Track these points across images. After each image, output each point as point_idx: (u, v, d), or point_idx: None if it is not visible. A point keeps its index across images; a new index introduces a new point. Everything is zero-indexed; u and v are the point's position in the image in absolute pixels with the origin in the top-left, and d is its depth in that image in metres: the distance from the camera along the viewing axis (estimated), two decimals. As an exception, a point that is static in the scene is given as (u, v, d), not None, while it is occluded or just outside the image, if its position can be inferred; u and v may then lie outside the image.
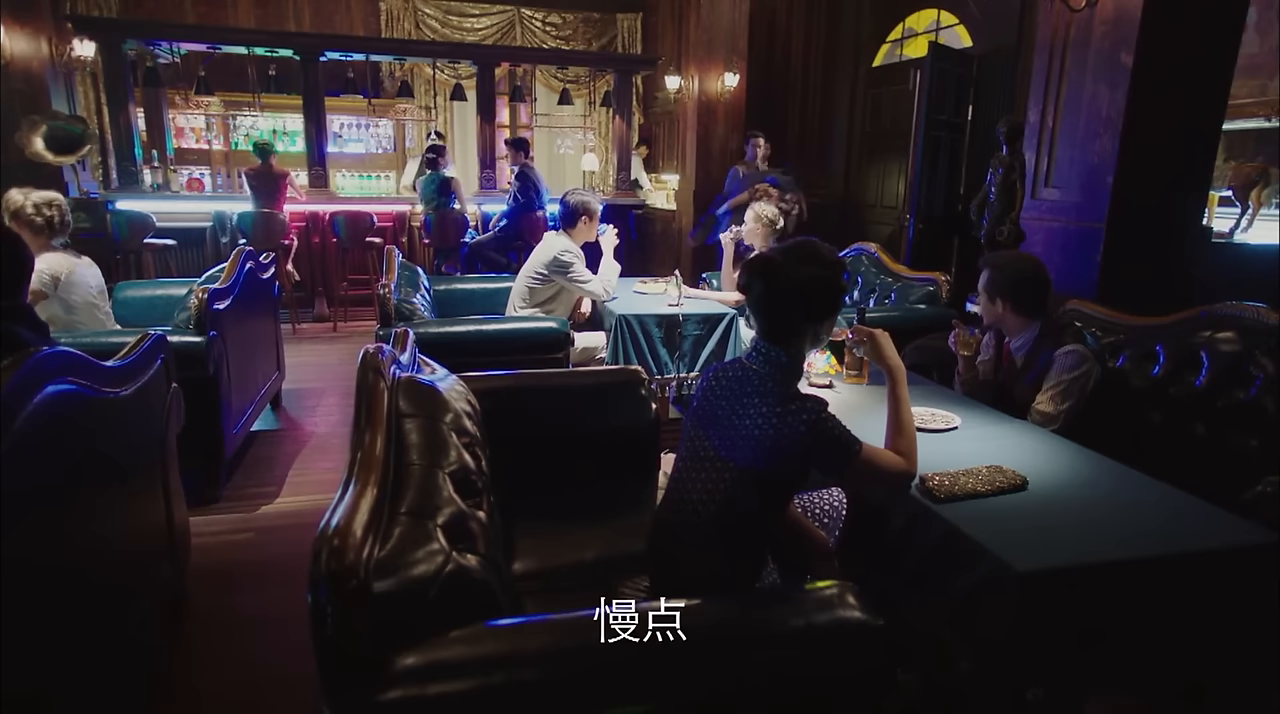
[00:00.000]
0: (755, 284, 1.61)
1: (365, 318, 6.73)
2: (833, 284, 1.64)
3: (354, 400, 1.50)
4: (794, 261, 1.59)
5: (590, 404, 2.48)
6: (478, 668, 1.06)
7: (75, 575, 1.64)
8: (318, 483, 3.47)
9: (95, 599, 1.81)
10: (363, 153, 9.33)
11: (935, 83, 6.30)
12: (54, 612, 1.58)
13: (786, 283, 1.58)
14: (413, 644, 1.07)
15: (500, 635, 1.12)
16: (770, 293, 1.60)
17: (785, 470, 1.60)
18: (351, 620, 0.99)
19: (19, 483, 1.45)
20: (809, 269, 1.60)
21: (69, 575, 1.67)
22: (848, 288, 1.70)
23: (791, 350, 1.64)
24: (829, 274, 1.62)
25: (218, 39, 6.87)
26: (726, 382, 1.70)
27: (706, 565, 1.66)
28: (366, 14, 9.30)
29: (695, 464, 1.71)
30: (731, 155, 8.28)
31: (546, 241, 3.91)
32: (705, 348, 3.79)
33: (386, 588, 1.07)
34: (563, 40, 9.90)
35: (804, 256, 1.60)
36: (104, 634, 1.83)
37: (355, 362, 4.95)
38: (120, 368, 1.95)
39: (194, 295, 3.11)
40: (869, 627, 1.23)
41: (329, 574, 1.00)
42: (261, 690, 2.11)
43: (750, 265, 1.64)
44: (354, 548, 1.04)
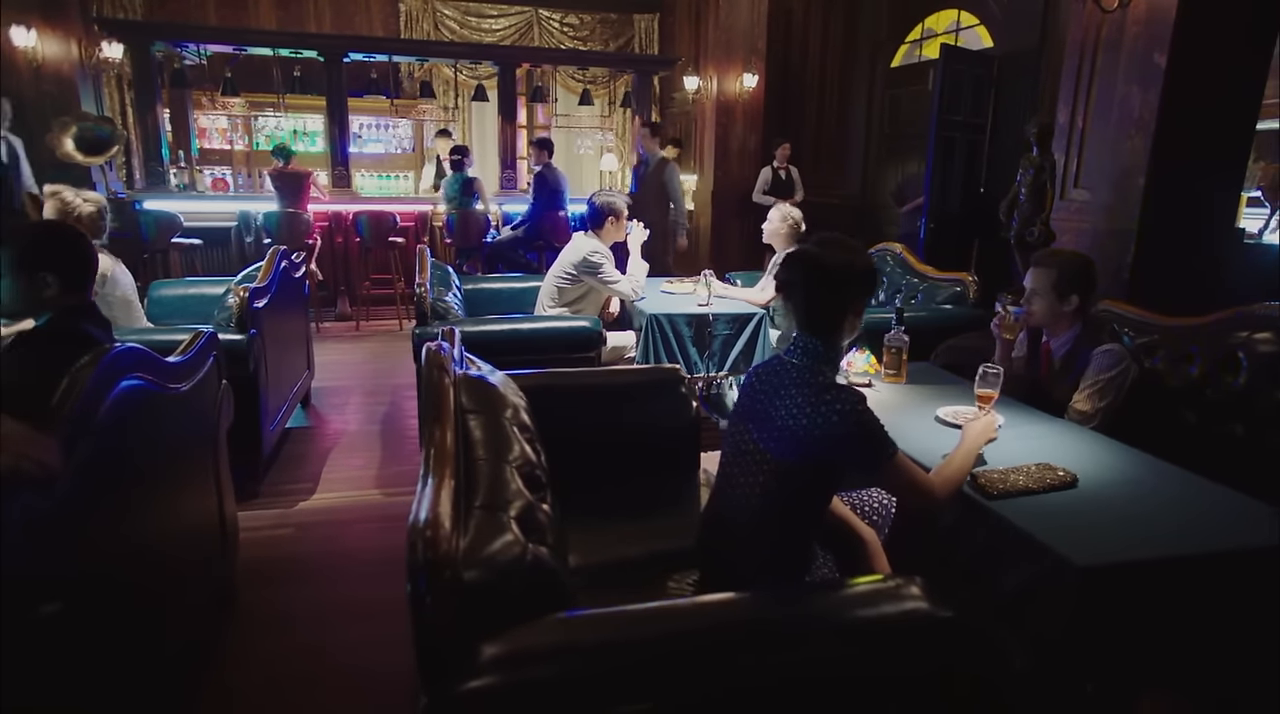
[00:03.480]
0: (795, 275, 1.65)
1: (387, 317, 6.78)
2: (866, 271, 1.67)
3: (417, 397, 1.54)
4: (828, 251, 1.63)
5: (630, 403, 2.51)
6: (564, 657, 1.09)
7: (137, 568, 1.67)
8: (352, 480, 3.51)
9: (155, 592, 1.85)
10: (382, 153, 9.40)
11: (950, 84, 6.31)
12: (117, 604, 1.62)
13: (823, 272, 1.62)
14: (499, 633, 1.10)
15: (582, 625, 1.15)
16: (809, 282, 1.64)
17: (824, 461, 1.62)
18: (448, 610, 1.02)
19: (100, 472, 1.49)
20: (842, 257, 1.64)
21: (133, 567, 1.72)
22: (878, 276, 1.74)
23: (829, 341, 1.67)
24: (860, 262, 1.66)
25: (244, 40, 6.94)
26: (767, 377, 1.73)
27: (755, 559, 1.69)
28: (386, 15, 9.37)
29: (739, 459, 1.74)
30: (749, 156, 8.31)
31: (575, 242, 3.94)
32: (734, 348, 3.82)
33: (474, 578, 1.11)
34: (580, 41, 9.94)
35: (836, 246, 1.64)
36: (159, 627, 1.87)
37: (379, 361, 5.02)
38: (180, 365, 2.00)
39: (234, 294, 3.16)
40: (937, 619, 1.25)
41: (426, 564, 1.03)
42: (306, 685, 2.14)
43: (790, 258, 1.68)
44: (445, 539, 1.07)
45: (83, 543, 1.44)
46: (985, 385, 2.09)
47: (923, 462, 1.77)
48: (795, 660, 1.17)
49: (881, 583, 1.34)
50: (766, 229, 4.26)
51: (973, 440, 1.79)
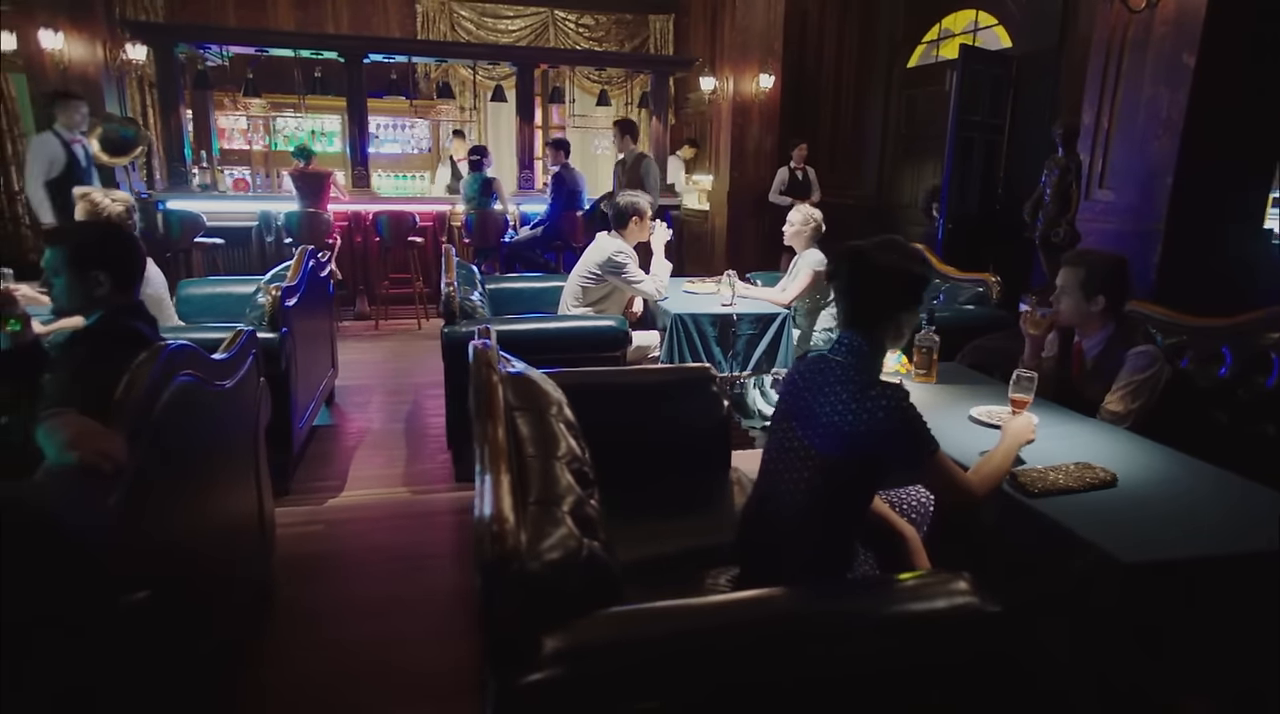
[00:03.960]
0: (842, 269, 1.67)
1: (405, 316, 6.82)
2: (917, 276, 1.68)
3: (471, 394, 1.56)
4: (880, 251, 1.64)
5: (662, 402, 2.53)
6: (625, 650, 1.12)
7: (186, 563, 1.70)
8: (379, 478, 3.54)
9: (202, 588, 1.88)
10: (399, 153, 9.45)
11: (969, 84, 6.31)
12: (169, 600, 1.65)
13: (873, 270, 1.63)
14: (559, 626, 1.12)
15: (641, 619, 1.17)
16: (856, 278, 1.65)
17: (869, 457, 1.64)
18: (516, 603, 1.05)
19: (156, 466, 1.52)
20: (894, 259, 1.65)
21: (182, 563, 1.75)
22: (925, 283, 1.73)
23: (873, 339, 1.69)
24: (913, 267, 1.67)
25: (267, 42, 7.00)
26: (810, 374, 1.75)
27: (799, 556, 1.71)
28: (403, 16, 9.43)
29: (783, 455, 1.75)
30: (765, 156, 8.32)
31: (599, 242, 3.97)
32: (758, 347, 3.84)
33: (535, 571, 1.13)
34: (595, 41, 9.98)
35: (890, 247, 1.66)
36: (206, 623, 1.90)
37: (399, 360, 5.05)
38: (224, 361, 2.03)
39: (266, 293, 3.20)
40: (987, 613, 1.27)
41: (495, 559, 1.05)
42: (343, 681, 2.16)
43: (839, 252, 1.70)
44: (511, 533, 1.10)
45: (139, 537, 1.47)
46: (1019, 390, 2.10)
47: (958, 460, 1.78)
48: (851, 652, 1.19)
49: (931, 578, 1.35)
50: (788, 231, 4.28)
51: (1012, 439, 1.80)
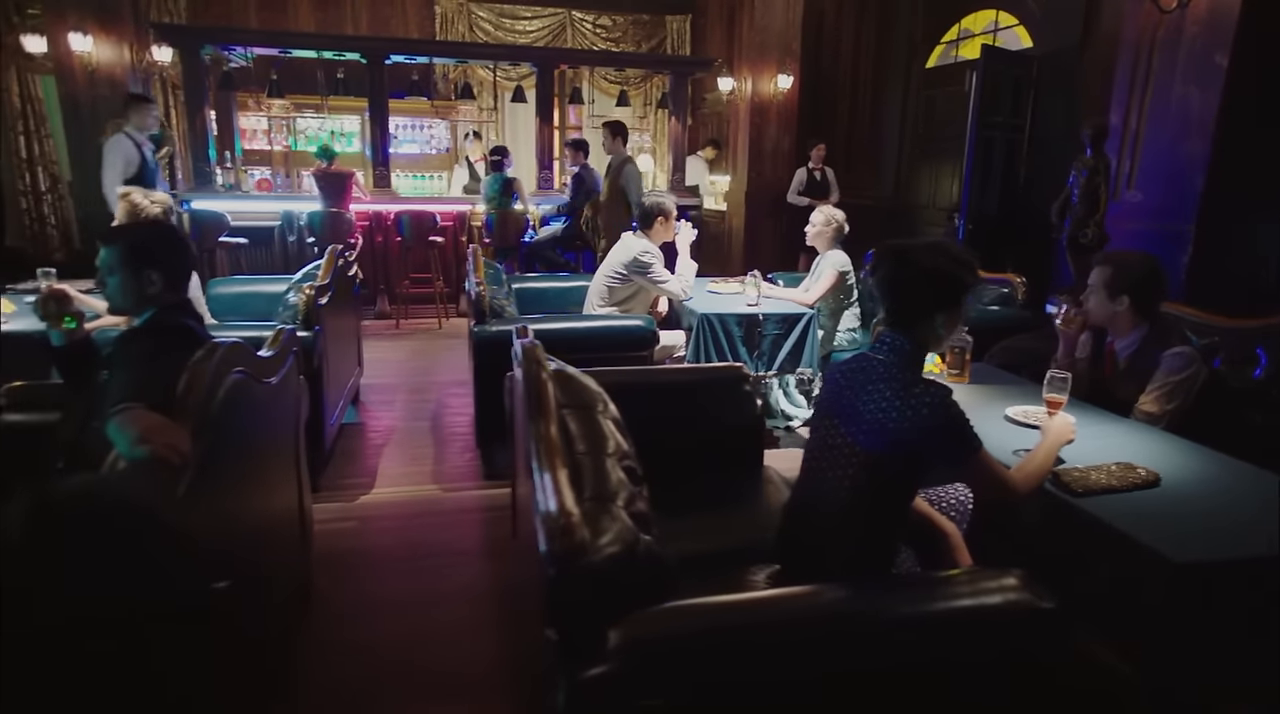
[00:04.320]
0: (883, 267, 1.68)
1: (426, 316, 6.86)
2: (959, 279, 1.69)
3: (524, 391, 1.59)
4: (924, 252, 1.66)
5: (696, 401, 2.55)
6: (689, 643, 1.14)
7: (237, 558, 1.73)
8: (407, 475, 3.57)
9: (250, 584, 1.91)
10: (417, 153, 9.50)
11: (990, 84, 6.29)
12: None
13: (914, 270, 1.65)
14: (621, 619, 1.14)
15: (704, 613, 1.19)
16: (898, 276, 1.67)
17: (913, 454, 1.65)
18: (584, 596, 1.07)
19: (215, 459, 1.55)
20: (938, 261, 1.66)
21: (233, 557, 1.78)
22: (974, 288, 1.74)
23: (914, 338, 1.70)
24: (957, 269, 1.68)
25: (291, 44, 7.06)
26: (852, 373, 1.76)
27: (842, 553, 1.72)
28: (422, 17, 9.48)
29: (826, 453, 1.77)
30: (783, 157, 8.33)
31: (625, 242, 3.99)
32: (784, 347, 3.85)
33: (599, 565, 1.15)
34: (612, 42, 10.00)
35: (934, 248, 1.67)
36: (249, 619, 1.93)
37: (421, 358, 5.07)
38: (270, 359, 2.06)
39: (300, 292, 3.24)
40: (1041, 610, 1.28)
41: (566, 552, 1.07)
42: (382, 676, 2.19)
43: (882, 249, 1.71)
44: (579, 526, 1.12)
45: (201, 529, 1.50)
46: (1054, 390, 2.10)
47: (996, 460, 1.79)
48: (907, 647, 1.21)
49: (982, 574, 1.37)
50: (810, 232, 4.29)
51: (1054, 439, 1.81)
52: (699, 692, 1.12)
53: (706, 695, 1.13)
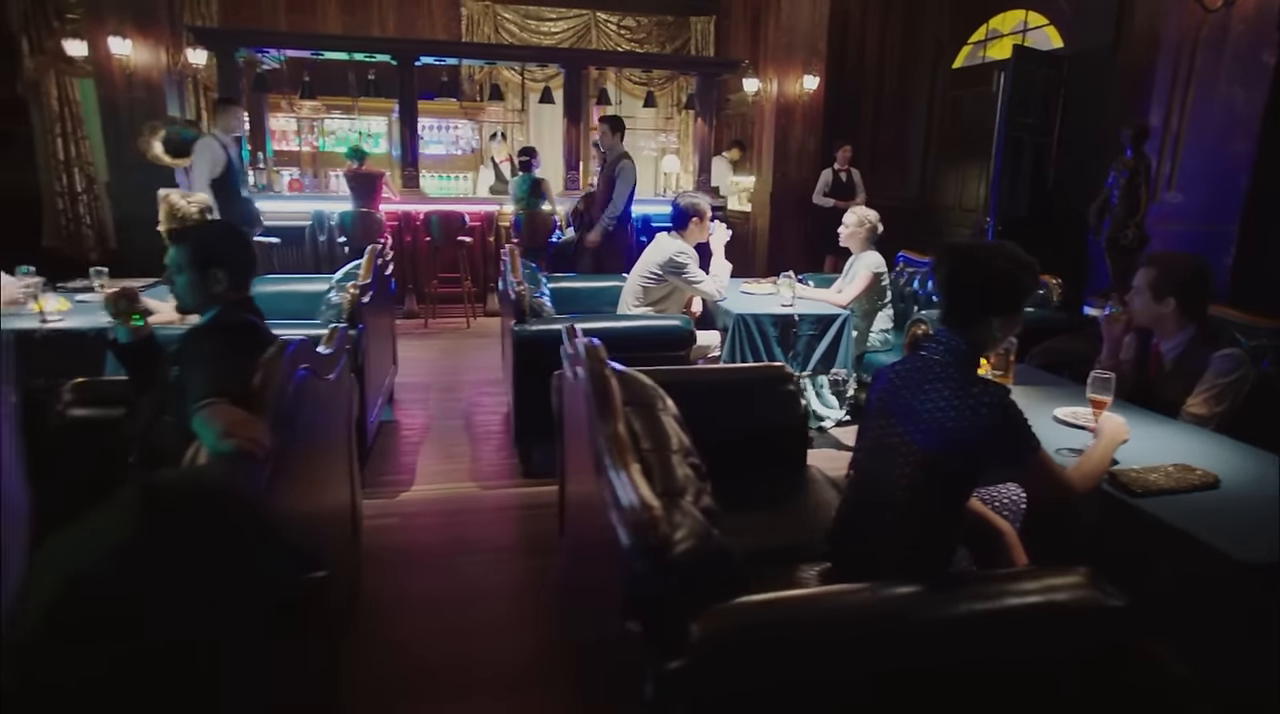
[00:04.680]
0: (944, 266, 1.69)
1: (454, 315, 6.92)
2: (1019, 281, 1.70)
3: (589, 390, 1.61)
4: (986, 252, 1.67)
5: (740, 400, 2.57)
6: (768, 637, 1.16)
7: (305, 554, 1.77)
8: (446, 473, 3.61)
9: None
10: (443, 154, 9.57)
11: (1020, 85, 6.26)
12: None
13: (974, 270, 1.66)
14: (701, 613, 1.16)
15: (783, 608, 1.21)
16: (958, 276, 1.68)
17: (972, 453, 1.66)
18: (672, 589, 1.09)
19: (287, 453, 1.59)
20: (998, 261, 1.67)
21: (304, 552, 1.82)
22: (1033, 292, 1.75)
23: (970, 339, 1.71)
24: (1018, 272, 1.69)
25: (325, 46, 7.15)
26: (908, 373, 1.78)
27: (898, 551, 1.73)
28: (448, 19, 9.55)
29: (881, 452, 1.78)
30: (809, 157, 8.32)
31: (659, 243, 4.01)
32: (818, 348, 3.86)
33: (680, 558, 1.17)
34: (636, 43, 10.03)
35: (996, 250, 1.68)
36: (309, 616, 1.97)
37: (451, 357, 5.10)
38: (328, 356, 2.11)
39: (343, 291, 3.29)
40: (1110, 608, 1.29)
41: (652, 546, 1.10)
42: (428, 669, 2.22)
43: (944, 248, 1.72)
44: (662, 520, 1.14)
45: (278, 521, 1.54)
46: (1099, 391, 2.10)
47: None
48: (981, 643, 1.22)
49: (1049, 572, 1.38)
50: (843, 232, 4.29)
51: (1110, 439, 1.82)
52: (780, 685, 1.14)
53: (787, 689, 1.15)
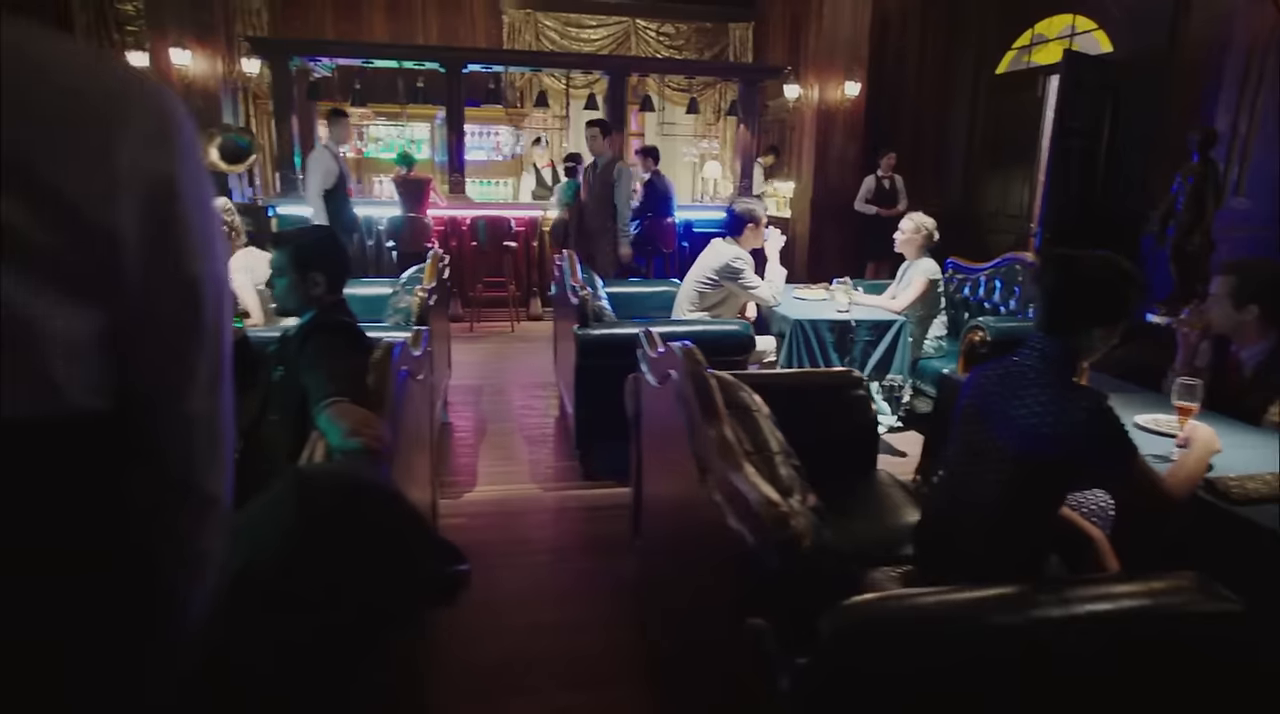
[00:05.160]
0: (1050, 274, 1.70)
1: (499, 319, 7.00)
2: (1126, 295, 1.70)
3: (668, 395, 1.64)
4: (1095, 262, 1.67)
5: (812, 404, 2.59)
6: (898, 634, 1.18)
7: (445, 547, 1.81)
8: (505, 474, 3.67)
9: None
10: (484, 160, 9.69)
11: (1071, 90, 6.20)
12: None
13: (1081, 280, 1.66)
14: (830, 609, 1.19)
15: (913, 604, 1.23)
16: (1064, 284, 1.68)
17: (1069, 459, 1.66)
18: (809, 583, 1.12)
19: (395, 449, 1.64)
20: (1107, 273, 1.68)
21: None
22: (1138, 306, 1.75)
23: (1068, 346, 1.71)
24: (1126, 285, 1.69)
25: (375, 54, 7.32)
26: (999, 378, 1.78)
27: (990, 556, 1.74)
28: (489, 27, 9.68)
29: (972, 458, 1.79)
30: (849, 164, 8.30)
31: (715, 249, 4.04)
32: (874, 354, 3.86)
33: (809, 555, 1.20)
34: (675, 50, 10.09)
35: (1105, 262, 1.68)
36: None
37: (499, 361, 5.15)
38: (420, 357, 2.16)
39: (413, 295, 3.36)
40: (1225, 612, 1.29)
41: (784, 543, 1.13)
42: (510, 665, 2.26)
43: (1051, 256, 1.73)
44: (793, 515, 1.17)
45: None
46: (1185, 398, 2.09)
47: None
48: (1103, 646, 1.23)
49: (1157, 577, 1.38)
50: (899, 238, 4.29)
51: (1203, 446, 1.81)
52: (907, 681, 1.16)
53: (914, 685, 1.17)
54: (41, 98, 0.59)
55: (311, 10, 9.13)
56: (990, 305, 4.69)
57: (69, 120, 0.60)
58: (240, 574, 1.01)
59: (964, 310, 4.87)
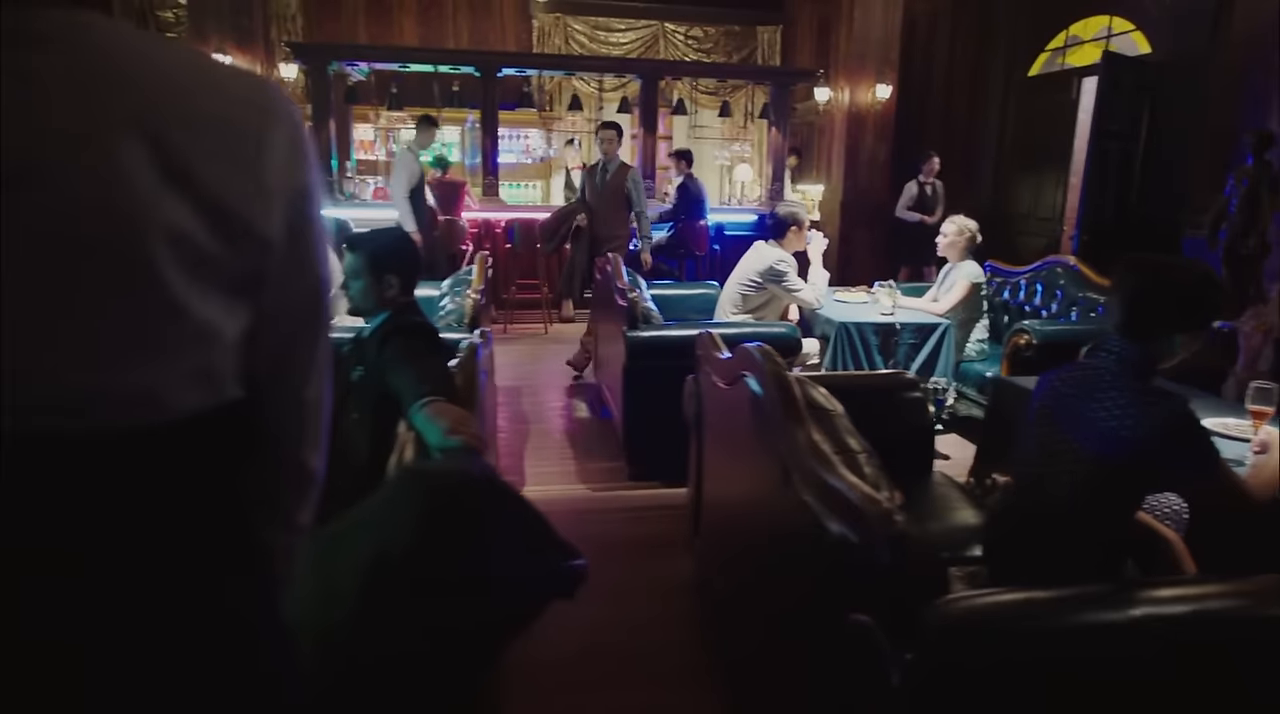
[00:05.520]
0: (1135, 280, 1.70)
1: (532, 321, 7.04)
2: (1214, 304, 1.71)
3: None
4: (1183, 270, 1.68)
5: (870, 405, 2.59)
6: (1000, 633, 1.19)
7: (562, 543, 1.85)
8: (552, 475, 3.70)
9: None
10: (513, 163, 9.75)
11: (1109, 92, 6.16)
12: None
13: (1172, 286, 1.67)
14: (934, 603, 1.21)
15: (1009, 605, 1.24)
16: (1149, 290, 1.68)
17: (1150, 462, 1.67)
18: (918, 577, 1.14)
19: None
20: (1194, 281, 1.68)
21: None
22: (1210, 314, 1.75)
23: (1145, 351, 1.72)
24: (1213, 294, 1.70)
25: (412, 58, 7.41)
26: (1075, 380, 1.79)
27: (1066, 556, 1.75)
28: (519, 30, 9.74)
29: (1047, 460, 1.80)
30: (879, 167, 8.29)
31: (759, 251, 4.06)
32: (918, 357, 3.86)
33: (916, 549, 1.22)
34: (703, 53, 10.11)
35: (1191, 269, 1.69)
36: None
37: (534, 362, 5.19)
38: (486, 356, 2.20)
39: (464, 297, 3.41)
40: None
41: (895, 537, 1.15)
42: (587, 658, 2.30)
43: (1135, 263, 1.73)
44: (894, 512, 1.19)
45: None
46: (1260, 401, 2.09)
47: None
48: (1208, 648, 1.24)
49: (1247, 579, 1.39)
50: (942, 242, 4.29)
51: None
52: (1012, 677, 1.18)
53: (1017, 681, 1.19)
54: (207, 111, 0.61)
55: (343, 15, 9.23)
56: (1031, 308, 4.68)
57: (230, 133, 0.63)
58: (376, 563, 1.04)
59: (1003, 313, 4.85)
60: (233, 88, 0.66)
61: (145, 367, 0.58)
